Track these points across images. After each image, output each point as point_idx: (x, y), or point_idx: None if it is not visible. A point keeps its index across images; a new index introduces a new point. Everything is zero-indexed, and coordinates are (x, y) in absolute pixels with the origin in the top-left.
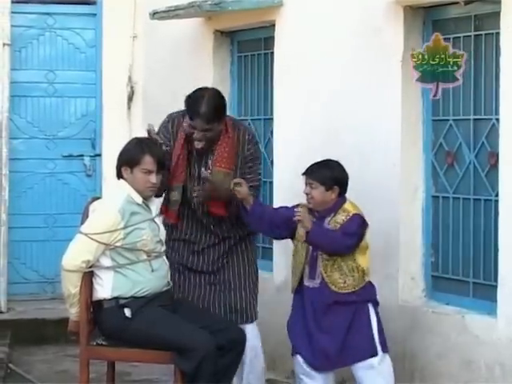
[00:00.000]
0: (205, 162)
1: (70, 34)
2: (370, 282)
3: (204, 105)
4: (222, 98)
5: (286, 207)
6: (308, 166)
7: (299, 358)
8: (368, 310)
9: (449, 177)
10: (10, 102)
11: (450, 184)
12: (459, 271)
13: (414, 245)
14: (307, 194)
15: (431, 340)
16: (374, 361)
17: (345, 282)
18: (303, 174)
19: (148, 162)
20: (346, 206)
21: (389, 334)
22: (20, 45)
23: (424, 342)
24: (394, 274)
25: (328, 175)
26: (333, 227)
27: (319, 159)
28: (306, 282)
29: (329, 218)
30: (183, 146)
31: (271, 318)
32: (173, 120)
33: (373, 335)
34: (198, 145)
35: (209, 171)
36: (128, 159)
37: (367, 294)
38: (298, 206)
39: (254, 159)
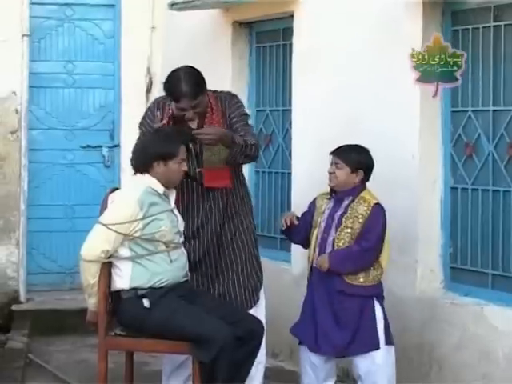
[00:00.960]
0: (199, 140)
1: (88, 25)
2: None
3: (184, 83)
4: (197, 70)
5: (305, 212)
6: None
7: (304, 348)
8: (373, 304)
9: (467, 168)
10: (28, 93)
11: (468, 175)
12: (478, 262)
13: (432, 236)
14: (331, 173)
15: (449, 331)
16: (376, 354)
17: (357, 274)
18: (331, 153)
19: (182, 151)
20: (365, 194)
21: (407, 324)
22: (39, 36)
23: (442, 333)
24: (412, 265)
25: (355, 158)
26: (352, 216)
27: None
28: (315, 264)
29: (346, 202)
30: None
31: (289, 309)
32: (158, 103)
33: (376, 329)
34: (193, 124)
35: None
36: (164, 153)
37: (374, 289)
38: (313, 201)
39: (241, 118)
